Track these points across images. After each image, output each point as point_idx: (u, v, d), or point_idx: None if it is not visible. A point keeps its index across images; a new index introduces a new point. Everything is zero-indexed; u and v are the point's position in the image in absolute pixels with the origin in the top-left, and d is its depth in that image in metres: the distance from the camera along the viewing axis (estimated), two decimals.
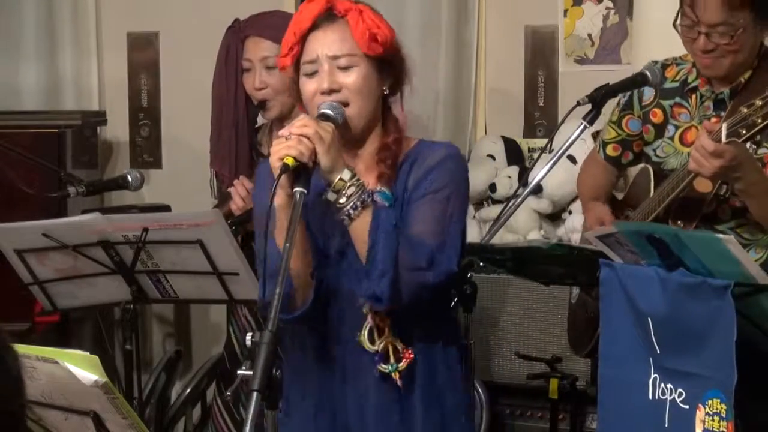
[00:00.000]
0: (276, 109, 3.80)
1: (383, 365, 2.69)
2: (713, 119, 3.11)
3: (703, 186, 3.18)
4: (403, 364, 2.69)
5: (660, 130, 3.37)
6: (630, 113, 3.44)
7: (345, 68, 2.67)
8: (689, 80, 3.32)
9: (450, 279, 2.67)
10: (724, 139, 2.96)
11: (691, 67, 3.33)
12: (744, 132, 2.95)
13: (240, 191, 3.76)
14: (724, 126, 2.98)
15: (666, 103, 3.36)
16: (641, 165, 3.49)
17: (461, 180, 2.74)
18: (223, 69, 3.94)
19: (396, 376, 2.69)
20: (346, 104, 2.66)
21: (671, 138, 3.35)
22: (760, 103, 2.94)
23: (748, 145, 3.07)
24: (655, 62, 3.40)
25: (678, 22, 3.22)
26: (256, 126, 4.02)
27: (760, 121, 2.94)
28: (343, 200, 2.58)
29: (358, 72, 2.67)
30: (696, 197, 3.19)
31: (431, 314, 2.75)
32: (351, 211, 2.58)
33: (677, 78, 3.35)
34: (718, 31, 3.14)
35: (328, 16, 2.69)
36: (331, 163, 2.55)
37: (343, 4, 2.70)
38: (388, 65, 2.72)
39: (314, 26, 2.69)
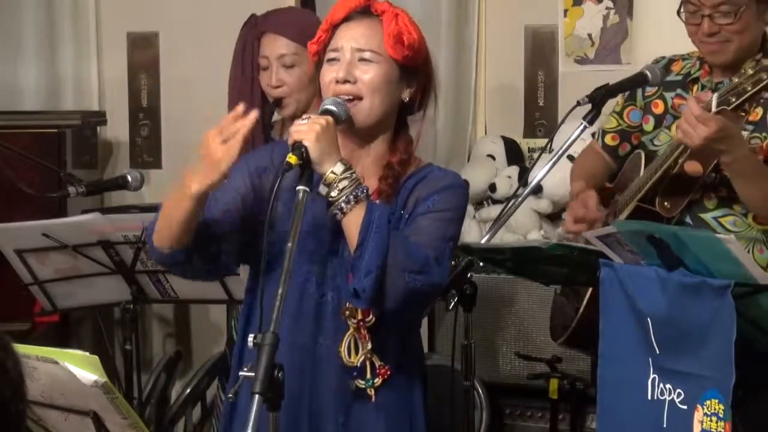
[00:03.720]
0: (292, 107, 3.77)
1: (360, 381, 2.64)
2: (707, 92, 3.12)
3: (693, 168, 3.18)
4: (378, 381, 2.64)
5: (659, 120, 3.38)
6: (632, 104, 3.45)
7: (366, 63, 2.64)
8: (692, 72, 3.34)
9: (436, 292, 2.67)
10: (714, 108, 2.97)
11: (696, 60, 3.35)
12: (734, 100, 2.97)
13: None
14: (715, 96, 2.99)
15: (668, 95, 3.37)
16: (633, 153, 3.48)
17: (461, 212, 2.73)
18: (239, 65, 3.89)
19: (371, 392, 2.65)
20: (359, 98, 2.63)
21: (668, 128, 3.35)
22: (751, 71, 2.96)
23: (744, 134, 3.06)
24: (663, 57, 3.41)
25: (682, 9, 3.23)
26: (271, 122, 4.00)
27: (749, 88, 2.96)
28: (334, 194, 2.52)
29: (377, 69, 2.64)
30: (686, 178, 3.18)
31: (406, 331, 2.73)
32: (343, 206, 2.53)
33: (681, 71, 3.36)
34: (721, 10, 3.15)
35: (364, 12, 2.68)
36: (319, 154, 2.49)
37: (381, 5, 2.69)
38: (412, 74, 2.70)
39: (347, 18, 2.68)
